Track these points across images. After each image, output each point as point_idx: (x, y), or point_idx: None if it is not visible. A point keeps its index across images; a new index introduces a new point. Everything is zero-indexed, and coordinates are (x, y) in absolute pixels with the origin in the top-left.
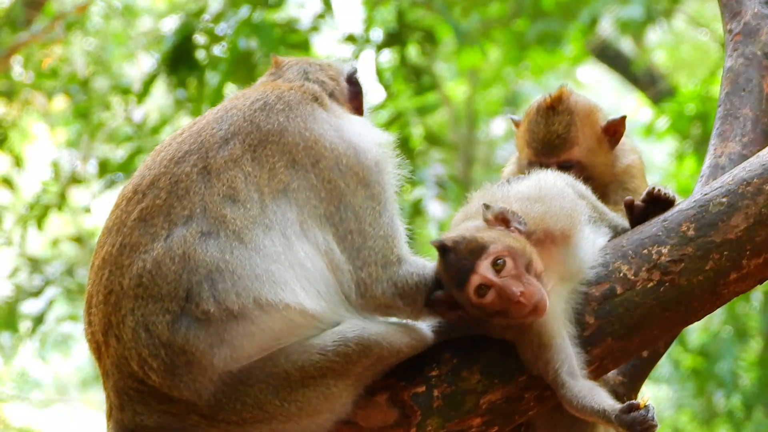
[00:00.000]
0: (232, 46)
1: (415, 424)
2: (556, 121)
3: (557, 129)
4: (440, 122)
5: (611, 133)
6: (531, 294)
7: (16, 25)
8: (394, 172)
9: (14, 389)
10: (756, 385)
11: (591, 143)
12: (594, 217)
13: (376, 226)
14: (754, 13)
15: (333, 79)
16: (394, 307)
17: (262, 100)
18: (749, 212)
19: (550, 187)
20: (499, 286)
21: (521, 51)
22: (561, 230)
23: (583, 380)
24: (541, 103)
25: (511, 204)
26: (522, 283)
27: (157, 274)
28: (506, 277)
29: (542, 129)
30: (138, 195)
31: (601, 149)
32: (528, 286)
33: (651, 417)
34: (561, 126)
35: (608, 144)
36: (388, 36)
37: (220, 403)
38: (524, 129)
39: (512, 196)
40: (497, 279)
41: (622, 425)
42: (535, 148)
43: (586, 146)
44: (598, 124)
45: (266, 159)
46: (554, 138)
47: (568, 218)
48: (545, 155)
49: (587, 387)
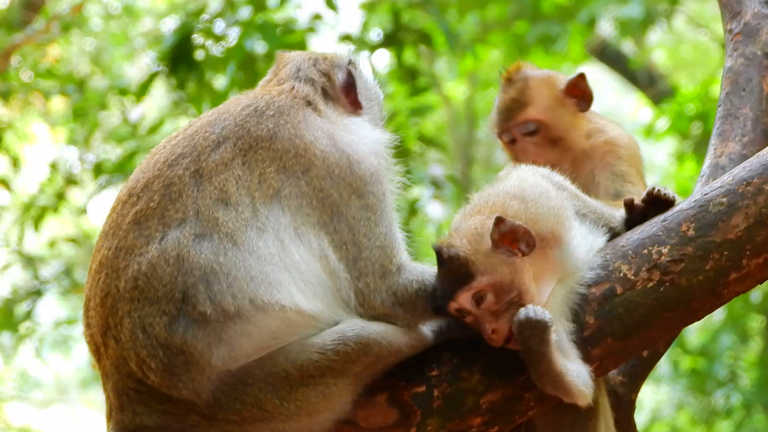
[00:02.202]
0: (238, 49)
1: (415, 423)
2: (511, 89)
3: (512, 94)
4: (440, 123)
5: (576, 94)
6: (502, 333)
7: (14, 25)
8: (391, 178)
9: (14, 389)
10: (756, 385)
11: (549, 102)
12: (578, 207)
13: (371, 237)
14: (754, 13)
15: (325, 74)
16: (394, 315)
17: (253, 106)
18: (749, 212)
19: (532, 187)
20: (475, 317)
21: (521, 53)
22: (551, 231)
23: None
24: (499, 79)
25: (509, 207)
26: (497, 320)
27: (153, 277)
28: (484, 310)
29: (501, 97)
30: (133, 198)
31: (565, 109)
32: (502, 323)
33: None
34: (515, 90)
35: (576, 106)
36: (384, 37)
37: (220, 402)
38: (492, 111)
39: (500, 198)
40: (475, 310)
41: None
42: (496, 121)
43: (543, 105)
44: (556, 86)
45: (256, 164)
46: (510, 103)
47: (556, 218)
48: (504, 121)
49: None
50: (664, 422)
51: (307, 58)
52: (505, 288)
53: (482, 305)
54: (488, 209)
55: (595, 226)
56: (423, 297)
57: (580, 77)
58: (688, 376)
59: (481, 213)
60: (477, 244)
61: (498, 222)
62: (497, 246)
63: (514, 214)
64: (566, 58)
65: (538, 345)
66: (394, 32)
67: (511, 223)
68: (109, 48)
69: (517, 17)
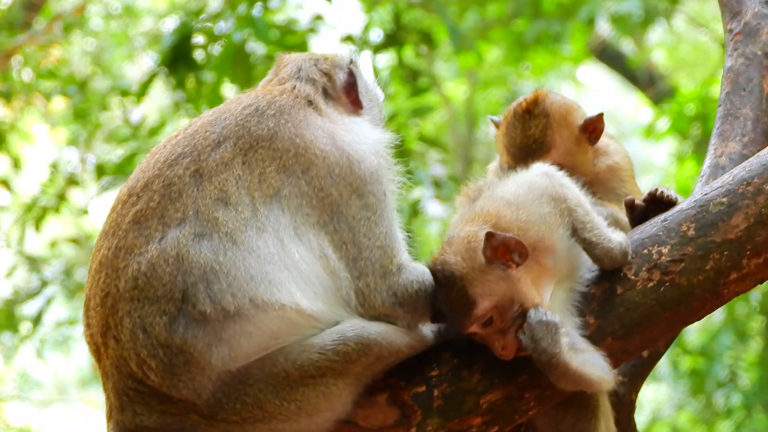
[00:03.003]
0: (228, 41)
1: (415, 423)
2: (532, 125)
3: (534, 133)
4: (440, 123)
5: (590, 131)
6: (511, 347)
7: (15, 26)
8: (391, 178)
9: (14, 389)
10: (756, 385)
11: (569, 145)
12: (578, 216)
13: (371, 237)
14: (755, 13)
15: (326, 73)
16: (394, 315)
17: (254, 105)
18: (749, 212)
19: (527, 192)
20: (483, 337)
21: (521, 51)
22: (542, 240)
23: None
24: (516, 107)
25: (502, 217)
26: (504, 336)
27: (152, 276)
28: (492, 331)
29: (519, 134)
30: (133, 198)
31: (580, 149)
32: (509, 338)
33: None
34: (537, 130)
35: (587, 141)
36: (385, 37)
37: (220, 402)
38: (502, 133)
39: (495, 204)
40: (482, 331)
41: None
42: (513, 154)
43: (563, 149)
44: (575, 124)
45: (257, 163)
46: (531, 143)
47: (547, 226)
48: (523, 160)
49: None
50: (664, 422)
51: (308, 58)
52: (507, 305)
53: (490, 327)
54: (482, 218)
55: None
56: (423, 297)
57: (599, 118)
58: (688, 376)
59: (475, 221)
60: (471, 261)
61: (488, 237)
62: (491, 261)
63: (506, 224)
64: (566, 58)
65: (551, 347)
66: (395, 32)
67: (502, 236)
68: (109, 48)
69: (517, 15)
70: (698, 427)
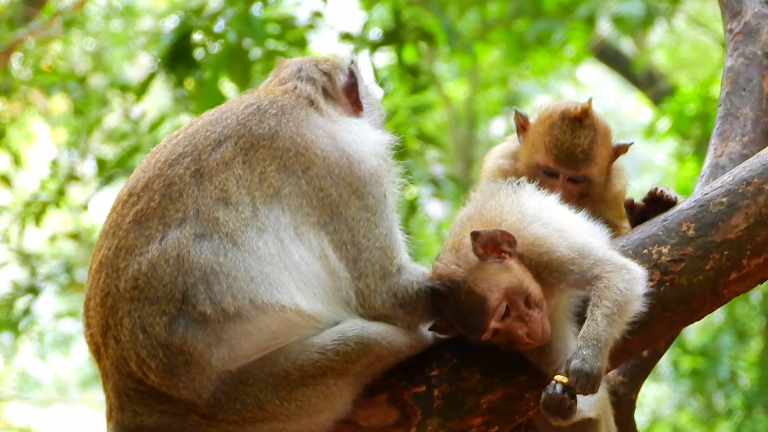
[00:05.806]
0: (224, 40)
1: (415, 423)
2: (582, 135)
3: (582, 143)
4: (440, 122)
5: (615, 155)
6: (535, 332)
7: (15, 22)
8: (391, 180)
9: (14, 389)
10: (756, 385)
11: (605, 163)
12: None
13: (371, 238)
14: (755, 13)
15: (326, 73)
16: (394, 316)
17: (255, 105)
18: (749, 212)
19: (537, 210)
20: (505, 330)
21: (522, 51)
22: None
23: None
24: (567, 112)
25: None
26: (525, 322)
27: (153, 277)
28: (510, 320)
29: (568, 139)
30: (133, 198)
31: (608, 170)
32: (531, 324)
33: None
34: (586, 141)
35: (610, 161)
36: (384, 35)
37: (220, 402)
38: (544, 132)
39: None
40: (502, 325)
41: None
42: (556, 156)
43: (601, 165)
44: (610, 145)
45: (257, 163)
46: (579, 151)
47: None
48: (565, 166)
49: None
50: (664, 422)
51: (309, 59)
52: (516, 290)
53: (507, 318)
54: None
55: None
56: (423, 298)
57: (628, 147)
58: (689, 376)
59: (461, 234)
60: (466, 264)
61: (475, 236)
62: (485, 258)
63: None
64: (567, 58)
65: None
66: (395, 30)
67: (486, 232)
68: (109, 48)
69: (518, 15)
70: (698, 427)
